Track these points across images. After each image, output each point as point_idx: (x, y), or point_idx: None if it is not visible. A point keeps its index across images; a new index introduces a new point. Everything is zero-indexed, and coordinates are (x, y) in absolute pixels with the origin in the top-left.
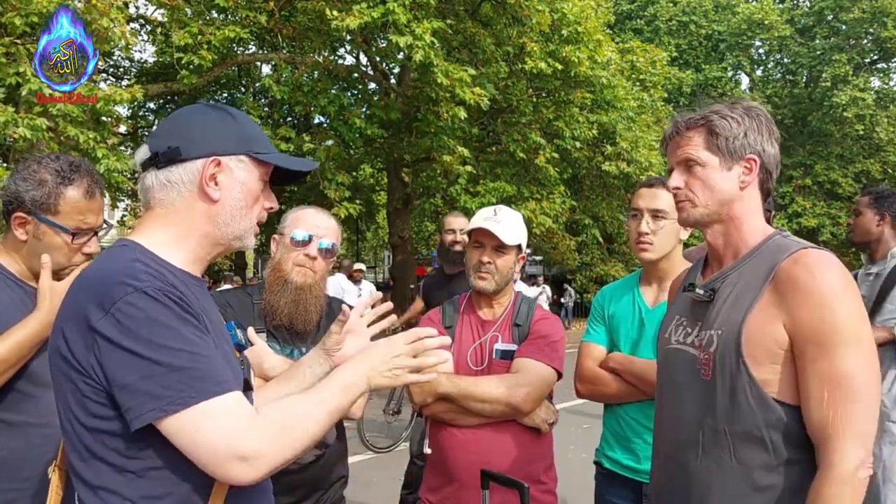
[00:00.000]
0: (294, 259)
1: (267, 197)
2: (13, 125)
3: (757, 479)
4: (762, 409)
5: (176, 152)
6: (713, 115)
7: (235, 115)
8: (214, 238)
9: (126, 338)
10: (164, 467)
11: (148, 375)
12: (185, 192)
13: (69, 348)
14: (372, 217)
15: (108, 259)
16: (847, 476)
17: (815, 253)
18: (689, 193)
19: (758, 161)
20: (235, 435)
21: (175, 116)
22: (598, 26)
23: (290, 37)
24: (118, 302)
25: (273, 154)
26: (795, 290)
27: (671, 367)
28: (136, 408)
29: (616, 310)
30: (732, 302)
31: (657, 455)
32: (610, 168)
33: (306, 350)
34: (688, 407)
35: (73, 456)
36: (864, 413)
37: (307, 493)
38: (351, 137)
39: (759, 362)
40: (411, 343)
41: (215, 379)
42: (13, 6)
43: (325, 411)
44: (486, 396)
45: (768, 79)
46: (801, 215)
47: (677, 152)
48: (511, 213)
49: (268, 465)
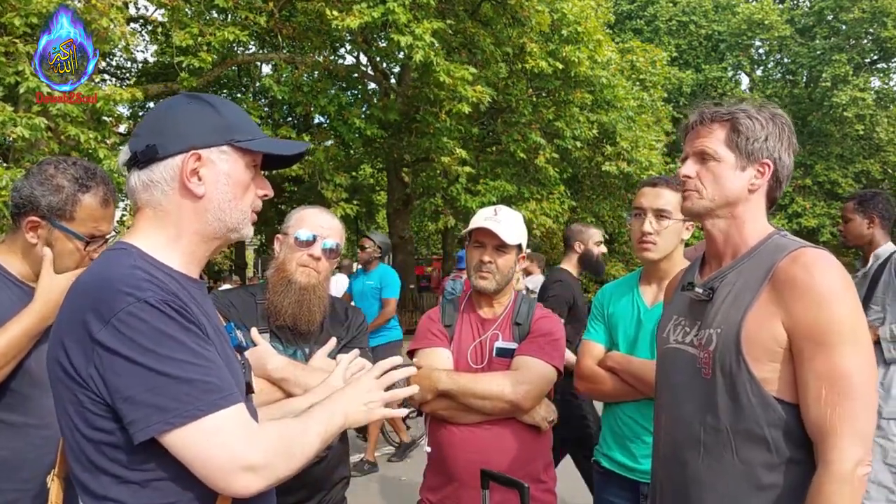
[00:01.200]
0: (298, 259)
1: (259, 184)
2: (11, 124)
3: (759, 477)
4: (763, 408)
5: (153, 150)
6: (739, 113)
7: (215, 103)
8: (207, 234)
9: (129, 349)
10: (168, 478)
11: (153, 388)
12: (168, 191)
13: (69, 358)
14: (372, 217)
15: (107, 265)
16: (846, 474)
17: (813, 252)
18: (698, 184)
19: (771, 167)
20: (242, 446)
21: (152, 112)
22: (598, 26)
23: (290, 37)
24: (119, 313)
25: (258, 140)
26: (793, 289)
27: (670, 366)
28: (140, 420)
29: (615, 309)
30: (731, 301)
31: (657, 454)
32: (610, 168)
33: (309, 350)
34: (688, 406)
35: (75, 465)
36: (862, 410)
37: (309, 493)
38: (350, 137)
39: (758, 360)
40: (378, 378)
41: (221, 391)
42: (13, 6)
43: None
44: (486, 393)
45: (768, 79)
46: (801, 215)
47: (696, 142)
48: (511, 212)
49: (273, 477)
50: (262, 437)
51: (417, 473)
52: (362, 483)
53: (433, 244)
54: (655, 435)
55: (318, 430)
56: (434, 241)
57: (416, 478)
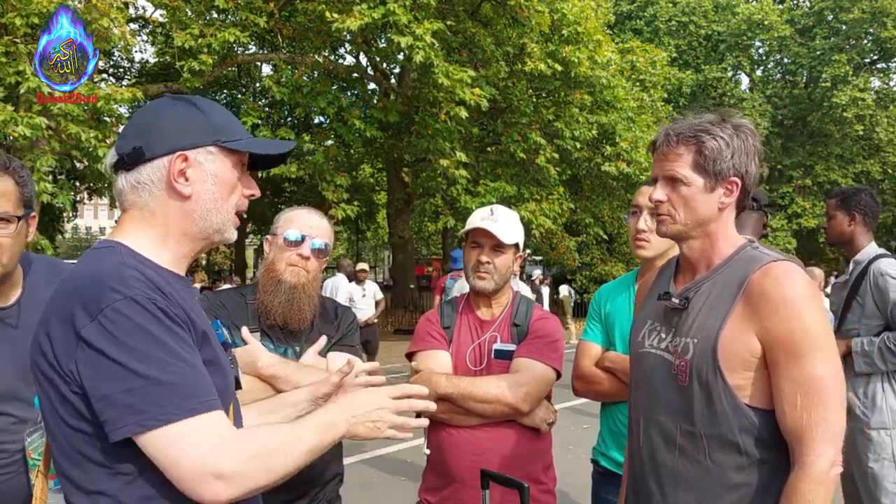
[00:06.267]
0: (287, 259)
1: (246, 184)
2: (12, 124)
3: (730, 478)
4: (736, 415)
5: (140, 152)
6: (704, 136)
7: (201, 104)
8: (193, 234)
9: (111, 346)
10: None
11: (130, 388)
12: (156, 192)
13: (53, 351)
14: (372, 217)
15: (96, 260)
16: (822, 474)
17: (783, 265)
18: (670, 209)
19: (739, 184)
20: (214, 453)
21: (139, 114)
22: (597, 26)
23: (290, 37)
24: (105, 309)
25: (243, 140)
26: (768, 303)
27: (646, 370)
28: (115, 420)
29: (612, 308)
30: (707, 312)
31: (631, 454)
32: (610, 168)
33: (300, 349)
34: (664, 410)
35: (63, 462)
36: (834, 414)
37: (303, 490)
38: (350, 138)
39: (733, 370)
40: (396, 399)
41: (198, 396)
42: (13, 6)
43: (304, 448)
44: (485, 396)
45: (768, 79)
46: (800, 216)
47: (665, 165)
48: (508, 212)
49: (243, 487)
50: (238, 446)
51: (417, 474)
52: (362, 483)
53: (433, 244)
54: (630, 434)
55: (310, 443)
56: (434, 241)
57: (416, 478)
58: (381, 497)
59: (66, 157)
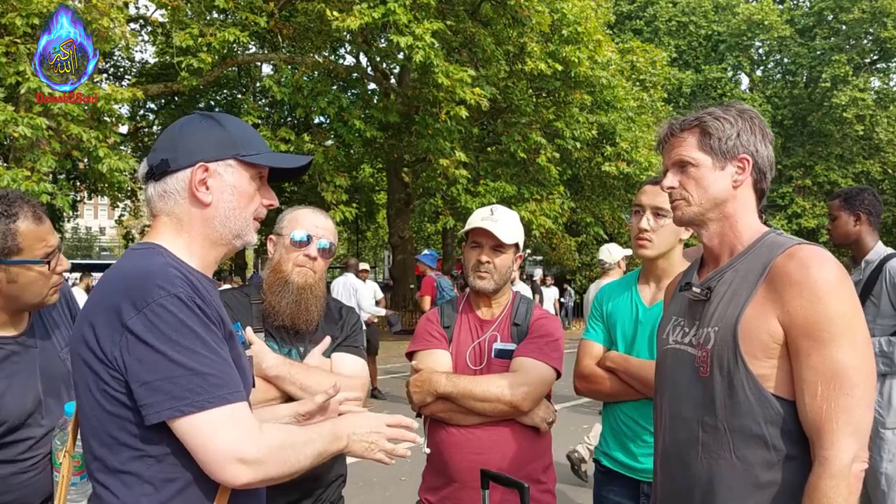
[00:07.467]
0: (294, 259)
1: (265, 194)
2: (13, 124)
3: (757, 476)
4: (760, 404)
5: (166, 164)
6: (706, 116)
7: (223, 121)
8: (214, 239)
9: (155, 338)
10: (182, 452)
11: (170, 377)
12: (180, 200)
13: (96, 339)
14: (372, 217)
15: (142, 260)
16: (842, 469)
17: (809, 248)
18: (683, 192)
19: (750, 161)
20: (240, 440)
21: (168, 130)
22: (597, 26)
23: (290, 37)
24: (151, 304)
25: (262, 155)
26: (790, 285)
27: (669, 366)
28: (154, 405)
29: (614, 308)
30: (728, 299)
31: (658, 455)
32: (610, 168)
33: (304, 349)
34: (687, 405)
35: (93, 442)
36: (858, 406)
37: (306, 491)
38: (350, 138)
39: (755, 357)
40: (391, 427)
41: (229, 387)
42: (13, 6)
43: (313, 451)
44: (485, 396)
45: (768, 79)
46: (800, 216)
47: (671, 153)
48: (508, 212)
49: (262, 474)
50: (262, 436)
51: (417, 474)
52: (362, 483)
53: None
54: (656, 435)
55: (318, 448)
56: (434, 241)
57: (416, 478)
58: (381, 497)
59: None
